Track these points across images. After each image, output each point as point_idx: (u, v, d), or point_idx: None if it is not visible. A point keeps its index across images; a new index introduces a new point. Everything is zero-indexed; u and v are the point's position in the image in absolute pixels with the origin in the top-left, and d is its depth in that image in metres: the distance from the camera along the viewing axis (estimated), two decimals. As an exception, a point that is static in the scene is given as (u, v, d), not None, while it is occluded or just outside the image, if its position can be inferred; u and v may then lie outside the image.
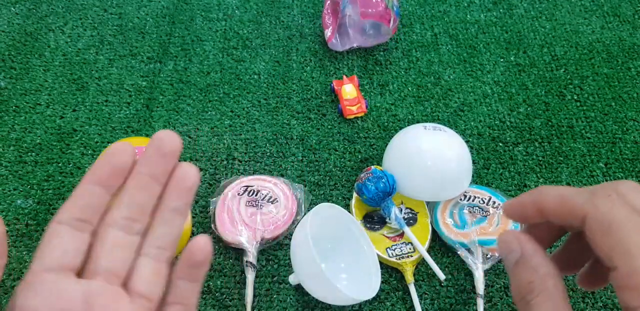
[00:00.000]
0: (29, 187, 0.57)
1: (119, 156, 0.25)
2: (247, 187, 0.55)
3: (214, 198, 0.54)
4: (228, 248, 0.53)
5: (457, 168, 0.53)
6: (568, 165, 0.61)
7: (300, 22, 0.74)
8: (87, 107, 0.63)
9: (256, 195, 0.55)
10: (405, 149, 0.54)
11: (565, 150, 0.62)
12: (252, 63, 0.69)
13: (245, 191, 0.55)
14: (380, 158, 0.59)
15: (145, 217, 0.26)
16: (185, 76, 0.67)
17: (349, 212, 0.55)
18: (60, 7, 0.73)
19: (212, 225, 0.53)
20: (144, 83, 0.66)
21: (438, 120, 0.64)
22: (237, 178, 0.56)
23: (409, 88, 0.67)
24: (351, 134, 0.63)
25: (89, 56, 0.68)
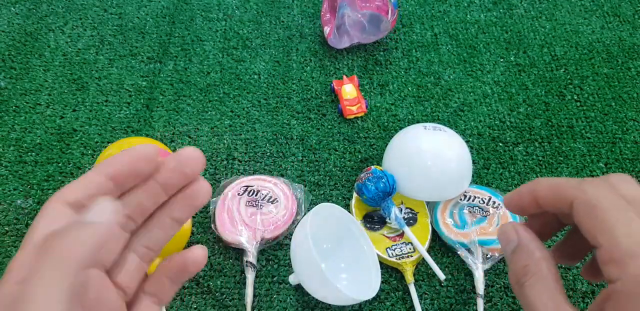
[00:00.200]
0: (29, 187, 0.57)
1: (145, 163, 0.25)
2: (247, 187, 0.55)
3: (214, 198, 0.54)
4: (228, 248, 0.53)
5: (457, 168, 0.53)
6: (568, 165, 0.61)
7: (300, 22, 0.74)
8: (87, 107, 0.63)
9: (256, 195, 0.55)
10: (405, 149, 0.54)
11: (565, 150, 0.62)
12: (252, 63, 0.69)
13: (245, 191, 0.55)
14: (380, 158, 0.59)
15: (141, 219, 0.26)
16: (185, 76, 0.67)
17: (349, 212, 0.55)
18: (60, 7, 0.73)
19: (212, 225, 0.53)
20: (144, 83, 0.66)
21: (438, 120, 0.64)
22: (237, 178, 0.56)
23: (409, 88, 0.67)
24: (351, 134, 0.63)
25: (89, 56, 0.68)
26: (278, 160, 0.60)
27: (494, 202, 0.55)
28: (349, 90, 0.64)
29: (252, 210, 0.54)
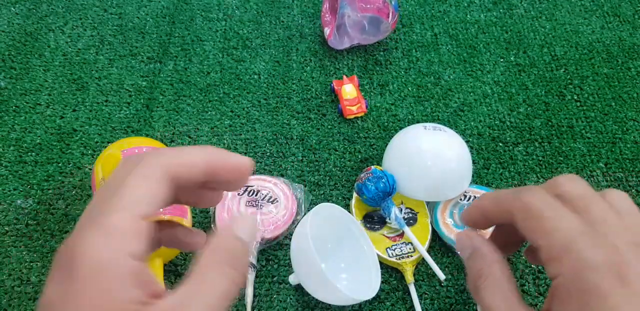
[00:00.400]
0: (29, 187, 0.57)
1: (239, 175, 0.25)
2: (247, 187, 0.55)
3: (214, 198, 0.54)
4: (228, 248, 0.53)
5: (457, 168, 0.53)
6: (568, 165, 0.61)
7: (300, 22, 0.74)
8: (87, 107, 0.63)
9: (256, 195, 0.55)
10: (405, 149, 0.54)
11: (565, 150, 0.62)
12: (252, 63, 0.69)
13: (245, 191, 0.55)
14: (380, 158, 0.59)
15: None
16: (185, 76, 0.67)
17: (349, 212, 0.55)
18: (60, 7, 0.73)
19: (212, 225, 0.53)
20: (144, 83, 0.66)
21: (438, 120, 0.64)
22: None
23: (409, 88, 0.67)
24: (351, 134, 0.63)
25: (89, 56, 0.68)
26: (278, 160, 0.60)
27: (494, 202, 0.55)
28: (349, 90, 0.64)
29: (252, 210, 0.54)
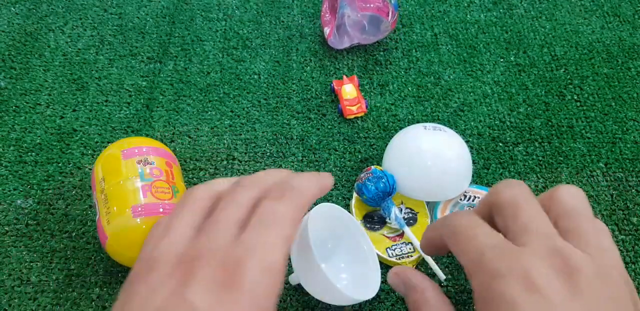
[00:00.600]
0: (29, 187, 0.57)
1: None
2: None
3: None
4: (228, 248, 0.53)
5: (457, 168, 0.53)
6: (568, 165, 0.61)
7: (300, 22, 0.74)
8: (87, 107, 0.63)
9: (256, 195, 0.54)
10: (405, 149, 0.54)
11: (565, 150, 0.62)
12: (252, 63, 0.69)
13: (245, 191, 0.55)
14: (380, 158, 0.59)
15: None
16: (185, 76, 0.67)
17: (349, 212, 0.55)
18: (60, 7, 0.73)
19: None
20: (144, 83, 0.66)
21: (438, 120, 0.64)
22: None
23: (409, 88, 0.67)
24: (351, 134, 0.63)
25: (89, 56, 0.68)
26: (278, 160, 0.60)
27: (494, 202, 0.55)
28: (349, 90, 0.64)
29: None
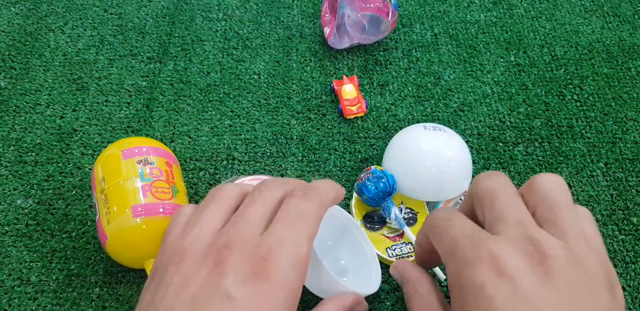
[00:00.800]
0: (29, 187, 0.57)
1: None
2: (247, 187, 0.55)
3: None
4: (228, 248, 0.53)
5: (457, 168, 0.53)
6: (568, 165, 0.61)
7: (300, 22, 0.74)
8: (87, 107, 0.63)
9: (256, 195, 0.54)
10: (405, 149, 0.54)
11: (565, 150, 0.62)
12: (252, 63, 0.69)
13: (245, 191, 0.55)
14: (380, 158, 0.59)
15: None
16: (185, 76, 0.67)
17: (349, 212, 0.55)
18: (60, 7, 0.73)
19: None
20: (144, 83, 0.66)
21: (438, 120, 0.64)
22: (237, 178, 0.56)
23: (409, 88, 0.67)
24: (351, 134, 0.63)
25: (89, 56, 0.68)
26: (278, 160, 0.60)
27: (494, 202, 0.55)
28: (349, 90, 0.64)
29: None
